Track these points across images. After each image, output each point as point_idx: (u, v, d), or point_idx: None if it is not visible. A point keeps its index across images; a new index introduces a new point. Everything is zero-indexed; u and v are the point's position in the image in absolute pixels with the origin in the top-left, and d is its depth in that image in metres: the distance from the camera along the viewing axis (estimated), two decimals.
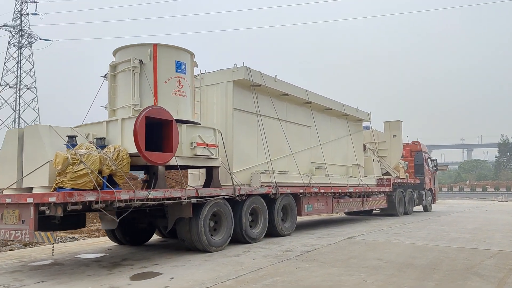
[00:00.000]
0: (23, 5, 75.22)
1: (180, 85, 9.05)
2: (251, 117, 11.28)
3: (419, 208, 21.94)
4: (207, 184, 9.57)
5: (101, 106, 9.14)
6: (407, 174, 20.88)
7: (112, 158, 7.28)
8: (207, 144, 8.78)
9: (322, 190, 12.71)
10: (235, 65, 11.14)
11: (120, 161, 7.32)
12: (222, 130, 11.05)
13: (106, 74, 9.23)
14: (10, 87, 71.47)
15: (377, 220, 16.34)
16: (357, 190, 14.85)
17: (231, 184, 10.23)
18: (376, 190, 16.49)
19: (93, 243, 10.68)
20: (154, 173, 8.17)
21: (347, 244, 9.42)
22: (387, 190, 17.21)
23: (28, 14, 74.43)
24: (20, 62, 72.71)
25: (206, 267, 7.20)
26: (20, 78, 71.90)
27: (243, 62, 11.01)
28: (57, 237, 11.82)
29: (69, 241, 11.50)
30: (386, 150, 19.29)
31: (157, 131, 8.02)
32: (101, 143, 7.71)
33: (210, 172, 9.57)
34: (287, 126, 13.06)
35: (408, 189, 19.79)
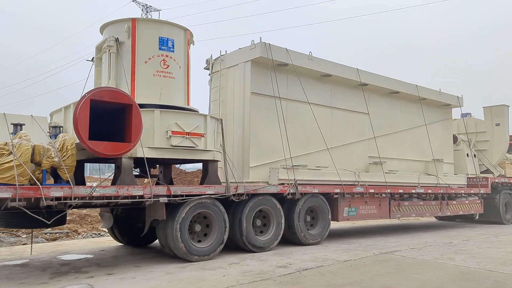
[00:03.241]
0: (148, 14, 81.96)
1: (164, 65, 7.79)
2: (275, 103, 9.50)
3: None
4: (203, 181, 8.18)
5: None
6: None
7: (57, 149, 6.32)
8: (188, 133, 7.36)
9: (372, 190, 10.33)
10: (252, 42, 9.52)
11: (64, 152, 6.32)
12: (239, 118, 9.61)
13: (93, 57, 8.41)
14: None
15: (466, 228, 13.12)
16: (430, 191, 11.97)
17: (240, 180, 8.74)
18: (463, 191, 13.24)
19: (103, 241, 10.03)
20: (118, 167, 7.03)
21: (370, 263, 7.18)
22: (481, 191, 13.77)
23: None
24: None
25: (153, 284, 5.83)
26: None
27: (260, 38, 9.33)
28: (83, 233, 11.56)
29: (93, 237, 11.12)
30: (487, 142, 15.58)
31: (122, 118, 6.89)
32: (56, 132, 6.84)
33: (206, 167, 8.15)
34: (332, 114, 11.00)
35: None
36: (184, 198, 7.16)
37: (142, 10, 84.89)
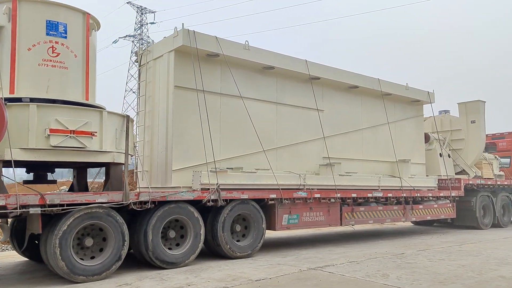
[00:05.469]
0: (143, 16, 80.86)
1: (53, 52, 6.72)
2: (206, 98, 8.38)
3: None
4: (105, 187, 7.10)
5: None
6: (502, 173, 15.59)
7: None
8: (72, 131, 6.27)
9: (318, 195, 9.21)
10: (175, 29, 8.45)
11: None
12: (163, 115, 8.55)
13: None
14: (133, 92, 77.24)
15: (434, 235, 12.00)
16: (390, 195, 10.83)
17: (163, 185, 7.67)
18: (431, 194, 12.11)
19: (13, 255, 8.91)
20: None
21: (285, 282, 6.05)
22: (453, 194, 12.63)
23: (147, 23, 79.71)
24: None
25: None
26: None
27: (183, 24, 8.25)
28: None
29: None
30: (462, 141, 14.44)
31: None
32: None
33: (108, 171, 7.07)
34: (279, 111, 9.93)
35: (501, 194, 14.68)
36: (65, 208, 6.07)
37: (137, 12, 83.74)
